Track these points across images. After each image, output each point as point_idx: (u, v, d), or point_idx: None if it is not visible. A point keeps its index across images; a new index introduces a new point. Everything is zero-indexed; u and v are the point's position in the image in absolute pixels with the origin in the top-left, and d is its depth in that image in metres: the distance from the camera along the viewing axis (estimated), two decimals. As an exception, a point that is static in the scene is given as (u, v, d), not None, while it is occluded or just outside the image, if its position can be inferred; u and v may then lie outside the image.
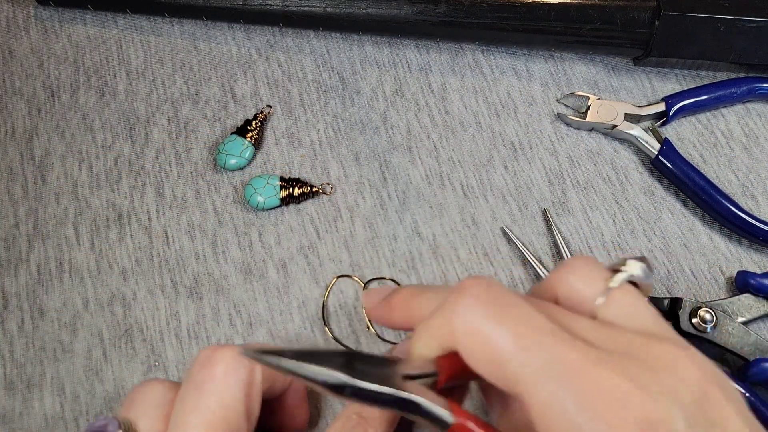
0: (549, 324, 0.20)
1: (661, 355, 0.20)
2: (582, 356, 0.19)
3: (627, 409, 0.18)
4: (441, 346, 0.22)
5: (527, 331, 0.20)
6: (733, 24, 0.39)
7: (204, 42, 0.43)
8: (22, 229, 0.37)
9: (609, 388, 0.19)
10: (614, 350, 0.20)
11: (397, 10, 0.40)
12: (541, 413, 0.19)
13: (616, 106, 0.41)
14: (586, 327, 0.21)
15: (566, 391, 0.19)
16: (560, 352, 0.19)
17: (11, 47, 0.42)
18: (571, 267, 0.24)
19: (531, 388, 0.19)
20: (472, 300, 0.21)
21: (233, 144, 0.38)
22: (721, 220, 0.38)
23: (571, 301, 0.23)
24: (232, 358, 0.24)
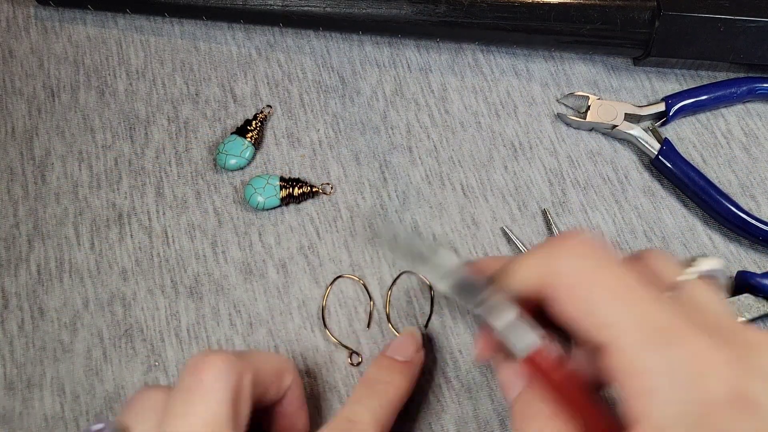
0: (644, 285, 0.20)
1: (750, 337, 0.20)
2: (674, 319, 0.19)
3: (719, 378, 0.18)
4: (537, 282, 0.22)
5: (623, 285, 0.20)
6: (733, 24, 0.39)
7: (204, 42, 0.43)
8: (22, 229, 0.37)
9: (701, 355, 0.19)
10: (705, 324, 0.20)
11: (397, 10, 0.40)
12: (625, 367, 0.19)
13: (616, 106, 0.41)
14: (700, 298, 0.21)
15: (655, 350, 0.19)
16: (654, 312, 0.19)
17: (11, 47, 0.42)
18: (650, 253, 0.24)
19: (619, 341, 0.19)
20: (576, 245, 0.21)
21: (233, 144, 0.38)
22: (721, 220, 0.38)
23: None
24: (222, 363, 0.24)
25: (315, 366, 0.34)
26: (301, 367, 0.34)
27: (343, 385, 0.34)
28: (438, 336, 0.35)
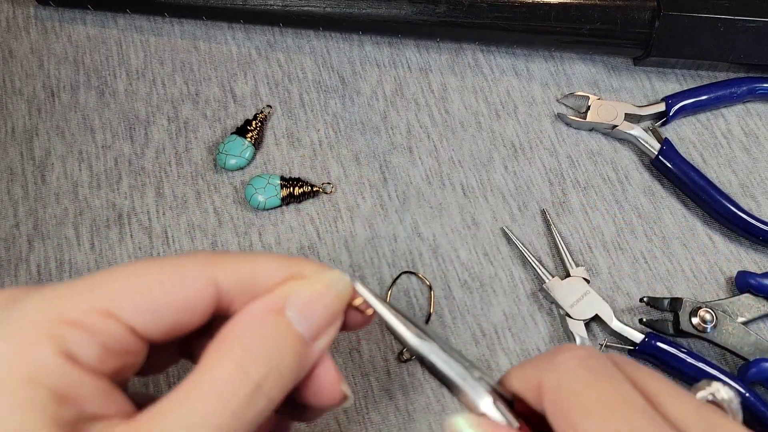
0: (639, 402, 0.18)
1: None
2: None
3: None
4: (527, 384, 0.20)
5: (613, 401, 0.18)
6: (733, 24, 0.39)
7: (204, 42, 0.43)
8: (22, 229, 0.37)
9: None
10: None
11: (397, 10, 0.40)
12: None
13: (616, 106, 0.41)
14: (686, 410, 0.19)
15: None
16: (641, 427, 0.18)
17: (11, 47, 0.42)
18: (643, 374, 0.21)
19: None
20: (569, 355, 0.20)
21: (233, 144, 0.38)
22: (721, 220, 0.38)
23: None
24: None
25: (315, 366, 0.34)
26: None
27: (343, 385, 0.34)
28: (438, 336, 0.35)
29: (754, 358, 0.33)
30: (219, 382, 0.18)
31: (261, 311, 0.20)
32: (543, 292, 0.36)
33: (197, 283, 0.20)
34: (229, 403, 0.18)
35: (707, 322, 0.34)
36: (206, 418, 0.18)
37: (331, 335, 0.21)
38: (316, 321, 0.20)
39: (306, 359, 0.20)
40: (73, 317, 0.18)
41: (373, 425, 0.33)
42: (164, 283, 0.19)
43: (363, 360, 0.34)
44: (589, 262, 0.37)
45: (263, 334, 0.19)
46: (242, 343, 0.19)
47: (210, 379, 0.18)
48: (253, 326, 0.20)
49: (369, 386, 0.34)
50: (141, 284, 0.19)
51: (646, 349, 0.34)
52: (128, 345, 0.19)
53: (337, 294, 0.21)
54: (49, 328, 0.18)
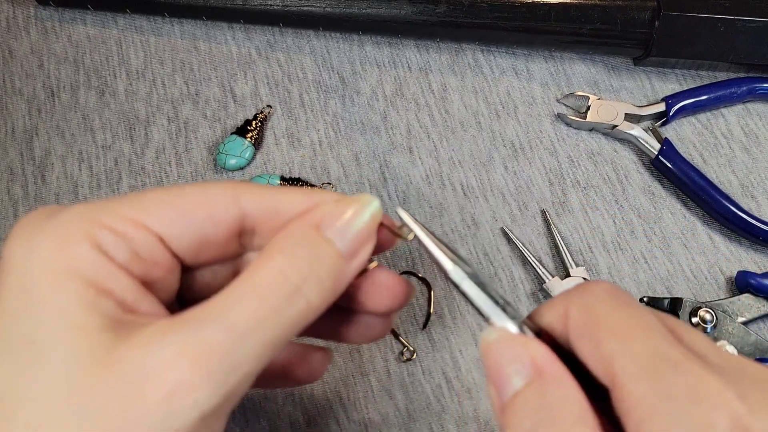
0: (660, 326, 0.19)
1: (757, 373, 0.19)
2: (675, 351, 0.19)
3: (722, 410, 0.17)
4: (554, 317, 0.21)
5: (636, 323, 0.19)
6: (733, 24, 0.39)
7: (204, 42, 0.43)
8: (22, 229, 0.37)
9: (703, 386, 0.18)
10: (709, 360, 0.19)
11: (397, 10, 0.40)
12: (626, 398, 0.18)
13: (616, 106, 0.41)
14: (707, 344, 0.20)
15: (654, 379, 0.18)
16: (655, 344, 0.19)
17: (11, 47, 0.42)
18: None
19: (619, 373, 0.18)
20: (592, 286, 0.21)
21: (233, 144, 0.38)
22: (721, 220, 0.38)
23: None
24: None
25: (315, 366, 0.34)
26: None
27: (343, 386, 0.34)
28: (438, 336, 0.35)
29: (754, 358, 0.33)
30: (259, 284, 0.20)
31: (301, 227, 0.21)
32: (543, 292, 0.36)
33: (221, 199, 0.21)
34: (269, 301, 0.19)
35: (707, 322, 0.34)
36: (248, 313, 0.19)
37: (366, 253, 0.22)
38: (352, 239, 0.22)
39: (344, 274, 0.21)
40: (106, 223, 0.20)
41: (373, 425, 0.33)
42: (191, 197, 0.21)
43: (363, 360, 0.34)
44: (589, 262, 0.37)
45: (303, 245, 0.21)
46: (283, 251, 0.20)
47: (251, 282, 0.20)
48: (293, 238, 0.21)
49: (369, 386, 0.34)
50: (170, 199, 0.21)
51: (646, 349, 0.34)
52: (157, 255, 0.21)
53: (371, 214, 0.22)
54: (86, 229, 0.20)
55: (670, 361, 0.18)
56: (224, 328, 0.18)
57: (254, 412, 0.33)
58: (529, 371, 0.19)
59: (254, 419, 0.33)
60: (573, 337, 0.20)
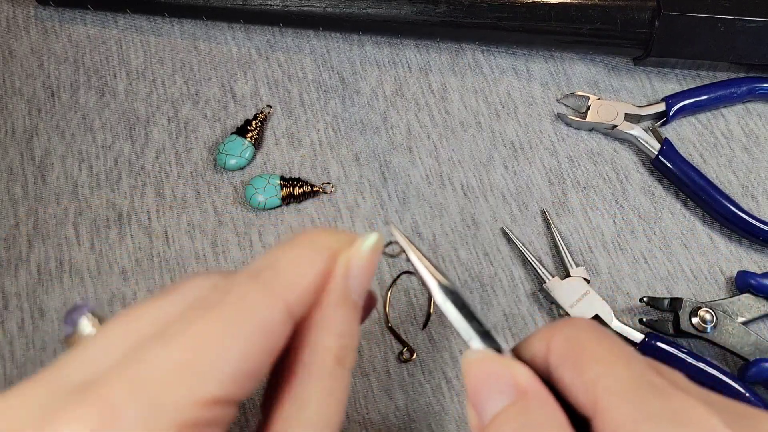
0: (642, 358, 0.19)
1: (744, 408, 0.19)
2: (669, 385, 0.18)
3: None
4: (536, 349, 0.21)
5: (620, 352, 0.19)
6: (733, 24, 0.39)
7: (204, 42, 0.43)
8: (22, 229, 0.37)
9: (691, 412, 0.17)
10: (707, 399, 0.19)
11: (397, 10, 0.40)
12: (614, 422, 0.18)
13: (616, 106, 0.41)
14: (684, 379, 0.20)
15: (643, 407, 0.18)
16: (648, 376, 0.18)
17: (11, 47, 0.42)
18: None
19: (607, 399, 0.18)
20: (575, 320, 0.21)
21: (233, 144, 0.38)
22: (721, 220, 0.38)
23: None
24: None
25: (315, 366, 0.34)
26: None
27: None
28: (438, 336, 0.35)
29: (754, 358, 0.33)
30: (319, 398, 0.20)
31: (334, 307, 0.21)
32: (543, 292, 0.36)
33: (283, 331, 0.19)
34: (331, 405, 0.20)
35: (707, 322, 0.34)
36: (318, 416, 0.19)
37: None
38: (366, 283, 0.22)
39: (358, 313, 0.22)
40: (194, 418, 0.18)
41: (373, 425, 0.33)
42: (257, 351, 0.19)
43: (363, 360, 0.34)
44: (589, 262, 0.37)
45: (343, 323, 0.21)
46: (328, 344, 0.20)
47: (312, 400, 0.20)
48: (332, 323, 0.20)
49: (369, 386, 0.34)
50: (237, 355, 0.18)
51: (646, 349, 0.34)
52: (235, 412, 0.20)
53: (377, 252, 0.22)
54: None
55: (654, 386, 0.18)
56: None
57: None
58: (512, 391, 0.19)
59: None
60: (555, 365, 0.20)
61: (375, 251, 0.22)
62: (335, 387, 0.20)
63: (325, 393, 0.20)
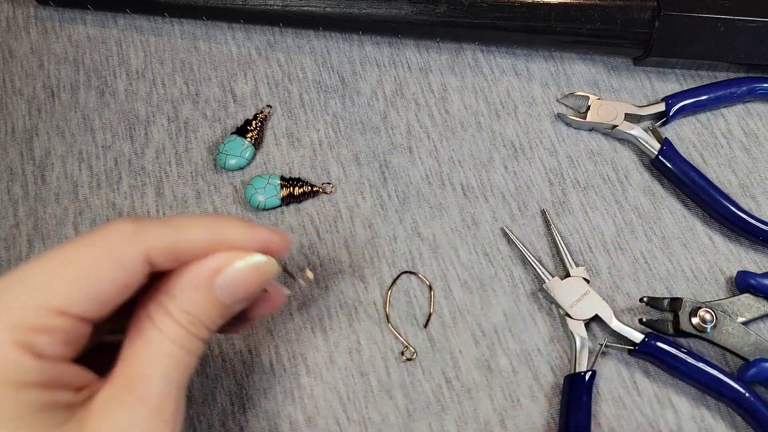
0: None
1: None
2: None
3: None
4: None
5: None
6: (733, 24, 0.39)
7: (204, 42, 0.43)
8: (22, 229, 0.37)
9: None
10: None
11: (397, 10, 0.40)
12: None
13: (616, 106, 0.41)
14: None
15: None
16: None
17: (11, 47, 0.42)
18: None
19: None
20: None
21: (233, 144, 0.38)
22: (721, 220, 0.38)
23: None
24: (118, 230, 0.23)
25: (315, 366, 0.34)
26: (301, 367, 0.34)
27: (343, 386, 0.34)
28: (438, 336, 0.35)
29: (754, 358, 0.33)
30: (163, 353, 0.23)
31: (191, 285, 0.23)
32: (543, 292, 0.36)
33: (133, 266, 0.22)
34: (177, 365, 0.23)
35: (707, 322, 0.34)
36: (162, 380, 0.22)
37: (251, 298, 0.26)
38: (239, 295, 0.24)
39: (227, 316, 0.25)
40: (33, 323, 0.21)
41: (373, 425, 0.33)
42: (104, 270, 0.22)
43: (363, 360, 0.34)
44: (589, 262, 0.37)
45: (195, 306, 0.23)
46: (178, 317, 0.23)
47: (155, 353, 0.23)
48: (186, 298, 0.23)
49: (369, 386, 0.34)
50: (84, 276, 0.22)
51: (646, 349, 0.34)
52: (81, 331, 0.22)
53: (260, 276, 0.25)
54: (15, 336, 0.20)
55: None
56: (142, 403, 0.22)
57: (254, 412, 0.33)
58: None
59: (254, 419, 0.33)
60: None
61: (253, 271, 0.24)
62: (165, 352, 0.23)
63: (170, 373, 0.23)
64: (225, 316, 0.25)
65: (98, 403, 0.22)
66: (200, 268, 0.24)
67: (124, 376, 0.22)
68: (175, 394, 0.22)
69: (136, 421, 0.21)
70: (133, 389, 0.22)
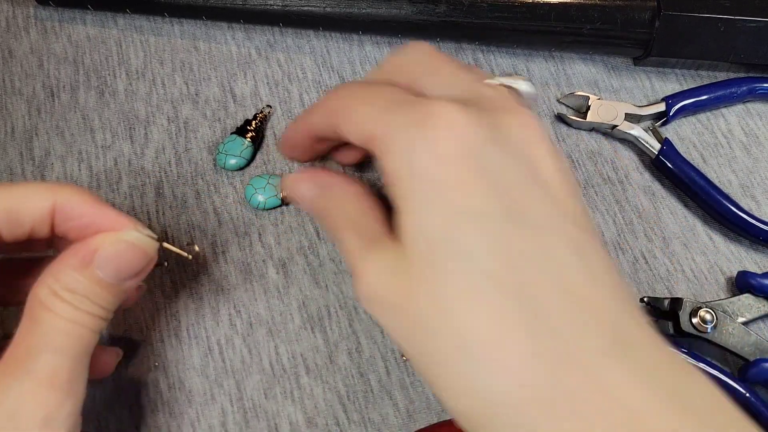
0: (405, 96, 0.24)
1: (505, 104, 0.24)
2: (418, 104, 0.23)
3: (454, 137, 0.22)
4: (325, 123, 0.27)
5: (387, 103, 0.23)
6: (733, 24, 0.39)
7: (204, 42, 0.43)
8: (21, 229, 0.37)
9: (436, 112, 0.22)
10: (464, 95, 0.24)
11: (397, 10, 0.40)
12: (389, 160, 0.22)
13: (616, 106, 0.41)
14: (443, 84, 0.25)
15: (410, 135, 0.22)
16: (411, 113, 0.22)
17: (11, 47, 0.42)
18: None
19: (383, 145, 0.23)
20: (343, 85, 0.26)
21: (233, 144, 0.38)
22: (722, 220, 0.38)
23: None
24: None
25: (315, 366, 0.34)
26: (301, 367, 0.34)
27: (343, 386, 0.34)
28: (438, 336, 0.35)
29: (754, 358, 0.33)
30: (53, 334, 0.24)
31: (72, 265, 0.25)
32: (543, 292, 0.36)
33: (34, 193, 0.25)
34: (67, 348, 0.24)
35: (707, 322, 0.34)
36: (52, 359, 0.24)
37: (141, 276, 0.27)
38: (122, 273, 0.26)
39: (117, 294, 0.26)
40: None
41: (373, 425, 0.33)
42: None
43: (363, 360, 0.34)
44: (589, 262, 0.37)
45: (77, 286, 0.25)
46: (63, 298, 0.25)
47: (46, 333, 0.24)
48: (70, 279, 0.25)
49: (369, 386, 0.34)
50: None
51: (647, 349, 0.34)
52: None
53: (138, 253, 0.26)
54: None
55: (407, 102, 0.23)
56: (31, 374, 0.23)
57: (254, 412, 0.33)
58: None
59: (254, 419, 0.33)
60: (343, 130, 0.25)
61: (129, 247, 0.26)
62: (76, 347, 0.24)
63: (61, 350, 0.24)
64: (118, 294, 0.26)
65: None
66: (79, 248, 0.25)
67: (15, 353, 0.24)
68: (69, 365, 0.24)
69: (25, 392, 0.23)
70: (22, 363, 0.23)
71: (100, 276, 0.25)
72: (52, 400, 0.23)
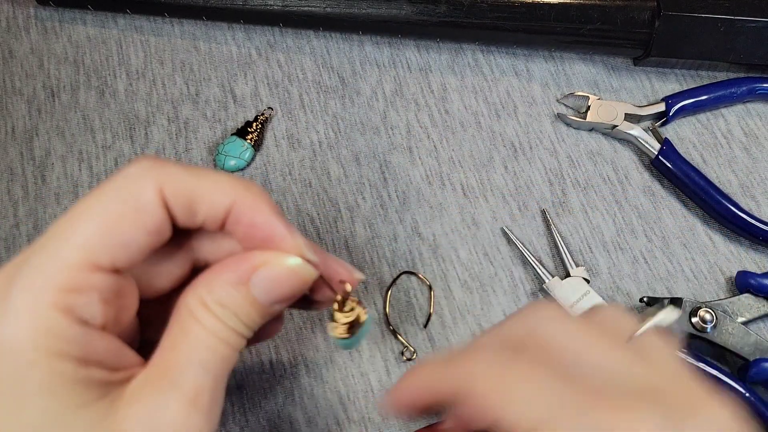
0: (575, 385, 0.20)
1: (694, 397, 0.20)
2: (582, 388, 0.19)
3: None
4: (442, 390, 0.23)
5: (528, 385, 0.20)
6: (733, 24, 0.39)
7: (204, 42, 0.43)
8: (22, 229, 0.37)
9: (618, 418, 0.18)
10: (632, 389, 0.20)
11: (397, 10, 0.40)
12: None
13: (616, 106, 0.41)
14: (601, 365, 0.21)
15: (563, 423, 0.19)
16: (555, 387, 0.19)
17: (11, 47, 0.42)
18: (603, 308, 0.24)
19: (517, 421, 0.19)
20: (480, 353, 0.22)
21: (233, 145, 0.38)
22: (721, 220, 0.38)
23: None
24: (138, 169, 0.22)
25: (315, 366, 0.34)
26: (301, 367, 0.34)
27: (343, 385, 0.34)
28: (438, 336, 0.35)
29: (754, 358, 0.33)
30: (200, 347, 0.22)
31: (228, 280, 0.23)
32: (543, 292, 0.36)
33: (149, 204, 0.22)
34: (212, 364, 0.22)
35: (707, 322, 0.34)
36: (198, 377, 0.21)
37: (290, 300, 0.24)
38: (275, 296, 0.23)
39: (264, 316, 0.24)
40: (69, 283, 0.20)
41: (373, 425, 0.33)
42: (120, 211, 0.21)
43: (363, 360, 0.34)
44: (589, 262, 0.37)
45: (231, 296, 0.23)
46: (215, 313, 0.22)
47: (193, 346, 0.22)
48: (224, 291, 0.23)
49: (369, 386, 0.34)
50: (103, 222, 0.21)
51: (646, 349, 0.34)
52: (117, 287, 0.21)
53: (297, 280, 0.24)
54: (55, 300, 0.19)
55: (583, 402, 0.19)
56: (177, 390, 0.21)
57: (254, 412, 0.33)
58: None
59: (254, 419, 0.33)
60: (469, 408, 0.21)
61: (289, 273, 0.24)
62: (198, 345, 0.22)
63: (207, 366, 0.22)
64: (264, 316, 0.24)
65: (133, 386, 0.21)
66: (238, 264, 0.23)
67: (161, 363, 0.22)
68: (211, 385, 0.22)
69: (169, 408, 0.21)
70: (168, 376, 0.21)
71: (254, 295, 0.23)
72: (194, 422, 0.21)
